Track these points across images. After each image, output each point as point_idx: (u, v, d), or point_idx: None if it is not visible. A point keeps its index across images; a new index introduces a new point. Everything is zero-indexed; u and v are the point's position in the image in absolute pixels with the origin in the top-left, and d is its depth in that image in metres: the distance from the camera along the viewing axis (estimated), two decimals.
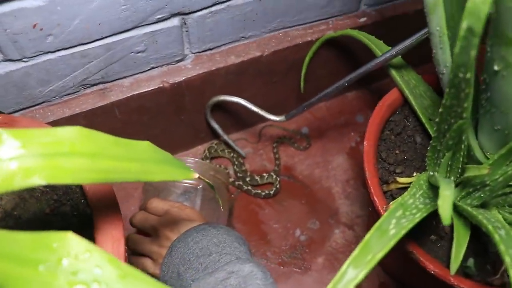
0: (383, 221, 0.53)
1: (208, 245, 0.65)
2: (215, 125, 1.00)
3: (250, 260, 0.62)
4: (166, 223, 0.71)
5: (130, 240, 0.76)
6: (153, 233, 0.73)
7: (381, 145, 0.78)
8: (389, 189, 0.72)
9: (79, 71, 0.78)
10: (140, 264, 0.73)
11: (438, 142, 0.63)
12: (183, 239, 0.67)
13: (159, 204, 0.75)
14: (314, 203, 1.01)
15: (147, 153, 0.50)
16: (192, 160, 0.86)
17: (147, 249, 0.72)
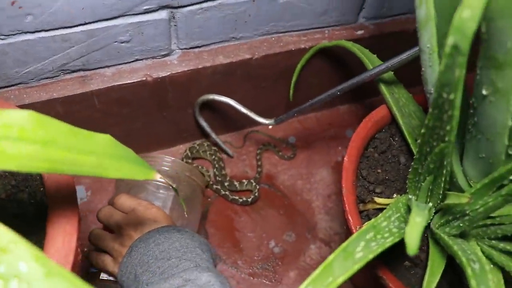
0: (350, 242, 0.50)
1: (169, 249, 0.63)
2: (204, 123, 0.97)
3: (210, 269, 0.59)
4: (131, 221, 0.69)
5: (93, 235, 0.73)
6: (116, 230, 0.70)
7: (363, 162, 0.75)
8: (365, 209, 0.70)
9: (59, 55, 0.75)
10: (100, 261, 0.71)
11: (419, 164, 0.60)
12: (144, 240, 0.65)
13: (126, 201, 0.72)
14: (293, 215, 0.98)
15: (106, 147, 0.47)
16: (170, 159, 0.83)
17: (109, 246, 0.69)
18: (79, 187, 0.97)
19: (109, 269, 0.69)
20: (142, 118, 0.91)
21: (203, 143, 1.03)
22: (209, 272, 0.58)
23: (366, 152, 0.76)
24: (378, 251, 0.50)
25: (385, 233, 0.55)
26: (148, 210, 0.70)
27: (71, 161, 0.43)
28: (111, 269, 0.68)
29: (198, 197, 0.86)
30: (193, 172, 0.85)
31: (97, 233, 0.72)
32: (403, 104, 0.78)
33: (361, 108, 1.18)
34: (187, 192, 0.83)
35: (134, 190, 0.80)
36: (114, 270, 0.68)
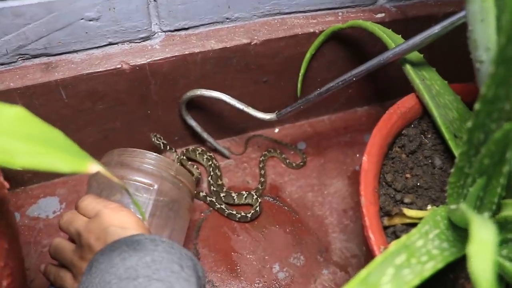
0: (372, 269, 0.34)
1: (136, 265, 0.48)
2: (193, 122, 0.83)
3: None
4: (93, 228, 0.54)
5: (52, 247, 0.59)
6: (77, 239, 0.55)
7: (387, 165, 0.59)
8: (391, 224, 0.53)
9: (13, 34, 0.62)
10: (59, 278, 0.57)
11: (466, 161, 0.44)
12: (107, 253, 0.50)
13: (91, 203, 0.57)
14: (302, 234, 0.82)
15: (17, 125, 0.32)
16: (152, 155, 0.68)
17: (67, 259, 0.56)
18: (53, 198, 0.84)
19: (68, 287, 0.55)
20: (121, 116, 0.77)
21: (197, 148, 0.88)
22: None
23: (390, 152, 0.60)
24: (414, 283, 0.34)
25: (423, 255, 0.39)
26: (115, 214, 0.55)
27: None
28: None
29: (185, 202, 0.71)
30: (179, 172, 0.70)
31: (57, 244, 0.58)
32: (436, 93, 0.63)
33: (381, 111, 1.01)
34: (172, 194, 0.68)
35: (107, 191, 0.65)
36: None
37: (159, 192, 0.66)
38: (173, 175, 0.68)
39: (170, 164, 0.68)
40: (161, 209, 0.66)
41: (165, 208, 0.67)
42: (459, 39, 0.88)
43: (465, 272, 0.52)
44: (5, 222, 0.44)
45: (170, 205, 0.67)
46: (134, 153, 0.67)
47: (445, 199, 0.58)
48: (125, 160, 0.67)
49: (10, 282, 0.44)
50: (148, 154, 0.68)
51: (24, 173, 0.81)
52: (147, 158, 0.67)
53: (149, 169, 0.66)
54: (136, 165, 0.66)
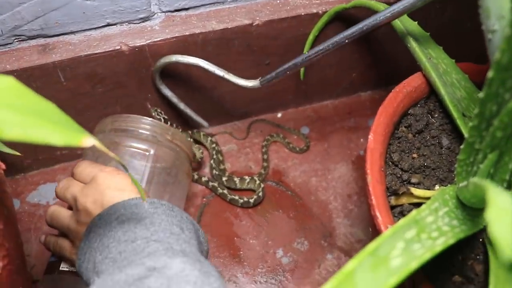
0: (383, 242, 0.32)
1: (135, 227, 0.47)
2: (168, 92, 0.78)
3: (185, 253, 0.43)
4: (89, 192, 0.53)
5: (49, 214, 0.57)
6: (73, 204, 0.54)
7: (393, 144, 0.58)
8: (398, 204, 0.52)
9: (7, 14, 0.61)
10: (58, 247, 0.56)
11: (477, 136, 0.43)
12: (105, 217, 0.49)
13: (87, 168, 0.56)
14: (305, 219, 0.81)
15: (6, 95, 0.31)
16: (147, 121, 0.66)
17: (64, 225, 0.54)
18: (53, 184, 0.83)
19: (67, 255, 0.54)
20: (121, 100, 0.76)
21: (199, 131, 0.86)
22: (183, 257, 0.41)
23: (397, 131, 0.59)
24: (425, 257, 0.33)
25: (433, 231, 0.37)
26: (111, 177, 0.53)
27: None
28: (68, 255, 0.54)
29: (184, 166, 0.69)
30: (176, 136, 0.68)
31: (52, 211, 0.57)
32: (443, 71, 0.61)
33: (385, 96, 1.00)
34: (168, 160, 0.66)
35: (102, 158, 0.64)
36: (72, 257, 0.54)
37: (156, 157, 0.64)
38: (170, 140, 0.66)
39: (166, 128, 0.66)
40: (158, 175, 0.64)
41: (163, 174, 0.65)
42: (465, 18, 0.87)
43: (474, 253, 0.51)
44: (0, 202, 0.42)
45: (168, 171, 0.66)
46: (128, 118, 0.65)
47: (453, 179, 0.56)
48: (120, 126, 0.65)
49: (6, 263, 0.43)
50: (142, 119, 0.66)
51: (24, 159, 0.80)
52: (142, 123, 0.65)
53: (144, 135, 0.64)
54: (131, 130, 0.64)
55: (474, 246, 0.51)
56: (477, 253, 0.51)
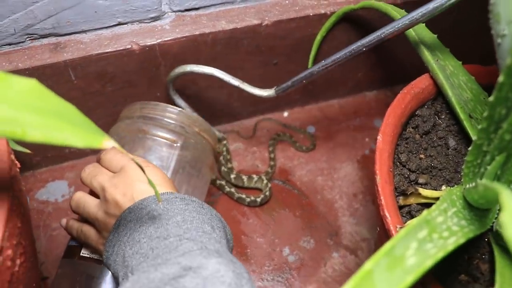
0: (397, 242, 0.33)
1: (167, 224, 0.47)
2: (181, 102, 0.79)
3: (220, 253, 0.43)
4: (119, 183, 0.52)
5: (74, 200, 0.57)
6: (101, 194, 0.54)
7: (401, 145, 0.58)
8: (406, 204, 0.53)
9: (21, 13, 0.61)
10: (82, 234, 0.56)
11: (485, 138, 0.43)
12: (136, 210, 0.49)
13: (116, 156, 0.56)
14: (311, 218, 0.81)
15: (29, 97, 0.31)
16: (175, 110, 0.66)
17: (91, 214, 0.54)
18: (61, 182, 0.83)
19: (92, 244, 0.55)
20: (131, 99, 0.76)
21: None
22: (218, 257, 0.42)
23: (404, 132, 0.60)
24: (438, 256, 0.34)
25: (444, 231, 0.38)
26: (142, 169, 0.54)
27: None
28: (94, 245, 0.54)
29: (208, 160, 0.69)
30: (203, 128, 0.67)
31: (78, 198, 0.57)
32: (450, 73, 0.62)
33: (391, 96, 1.01)
34: (195, 152, 0.66)
35: (128, 146, 0.64)
36: (98, 247, 0.54)
37: (183, 148, 0.64)
38: (197, 132, 0.66)
39: (194, 119, 0.66)
40: (183, 166, 0.64)
41: (188, 166, 0.65)
42: (468, 20, 0.88)
43: (480, 253, 0.52)
44: (18, 201, 0.43)
45: (193, 163, 0.66)
46: (157, 106, 0.65)
47: (459, 180, 0.57)
48: (148, 113, 0.65)
49: (23, 261, 0.44)
50: (171, 108, 0.65)
51: (33, 157, 0.81)
52: (171, 112, 0.65)
53: (172, 125, 0.64)
54: (159, 119, 0.64)
55: (479, 245, 0.52)
56: (483, 252, 0.52)
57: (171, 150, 0.63)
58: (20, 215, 0.44)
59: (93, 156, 0.85)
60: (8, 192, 0.39)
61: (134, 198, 0.51)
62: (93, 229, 0.55)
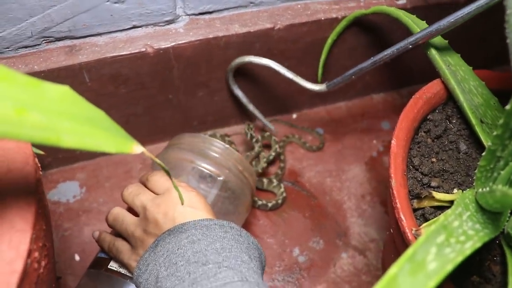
0: (418, 248, 0.34)
1: (206, 250, 0.47)
2: (239, 92, 0.82)
3: (260, 286, 0.44)
4: (161, 203, 0.54)
5: (112, 214, 0.58)
6: (142, 212, 0.55)
7: (413, 149, 0.59)
8: (420, 207, 0.54)
9: (38, 16, 0.62)
10: (114, 248, 0.57)
11: (500, 144, 0.44)
12: (175, 233, 0.50)
13: (161, 179, 0.57)
14: (321, 218, 0.82)
15: (61, 103, 0.32)
16: (221, 145, 0.67)
17: (128, 230, 0.55)
18: (72, 182, 0.84)
19: (124, 259, 0.55)
20: (143, 101, 0.77)
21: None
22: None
23: (416, 136, 0.61)
24: (457, 260, 0.35)
25: (460, 235, 0.39)
26: (185, 192, 0.55)
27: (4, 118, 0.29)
28: (126, 260, 0.55)
29: (246, 199, 0.69)
30: (246, 167, 0.68)
31: (117, 213, 0.58)
32: (461, 78, 0.63)
33: (398, 98, 1.02)
34: (235, 189, 0.67)
35: (175, 171, 0.65)
36: (129, 263, 0.54)
37: (224, 183, 0.65)
38: (240, 170, 0.67)
39: (239, 158, 0.67)
40: (222, 201, 0.65)
41: (226, 201, 0.66)
42: (476, 25, 0.88)
43: (491, 254, 0.53)
44: (42, 203, 0.44)
45: (232, 199, 0.66)
46: (205, 139, 0.67)
47: (470, 183, 0.58)
48: (196, 145, 0.66)
49: (47, 262, 0.45)
50: (218, 143, 0.67)
51: (44, 158, 0.81)
52: (217, 147, 0.67)
53: (218, 159, 0.65)
54: (206, 152, 0.66)
55: (491, 247, 0.53)
56: (494, 254, 0.53)
57: (213, 183, 0.65)
58: (44, 217, 0.44)
59: (103, 158, 0.86)
60: (35, 196, 0.40)
61: (175, 219, 0.51)
62: (127, 244, 0.56)
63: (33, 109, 0.30)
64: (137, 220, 0.55)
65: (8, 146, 0.42)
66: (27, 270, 0.38)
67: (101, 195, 0.83)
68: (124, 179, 0.84)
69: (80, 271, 0.74)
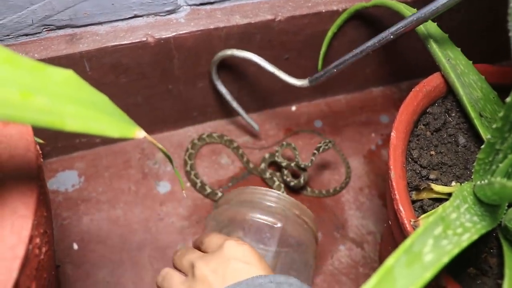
0: (415, 239, 0.35)
1: None
2: (223, 89, 0.81)
3: None
4: (211, 259, 0.50)
5: (160, 275, 0.55)
6: (189, 271, 0.52)
7: (412, 142, 0.60)
8: (419, 198, 0.54)
9: (39, 4, 0.62)
10: None
11: (499, 137, 0.45)
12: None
13: (214, 238, 0.55)
14: (319, 211, 0.83)
15: (65, 87, 0.32)
16: (274, 194, 0.65)
17: None
18: (71, 172, 0.84)
19: None
20: (143, 91, 0.77)
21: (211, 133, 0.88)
22: None
23: (416, 129, 0.61)
24: (454, 252, 0.35)
25: (457, 228, 0.40)
26: (238, 246, 0.50)
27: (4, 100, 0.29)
28: None
29: (311, 245, 0.66)
30: (303, 212, 0.65)
31: (166, 272, 0.54)
32: (461, 72, 0.63)
33: (397, 92, 1.03)
34: (297, 235, 0.63)
35: (227, 229, 0.62)
36: None
37: (283, 231, 0.62)
38: (297, 215, 0.64)
39: (294, 203, 0.65)
40: (286, 251, 0.62)
41: (291, 250, 0.63)
42: (476, 19, 0.89)
43: (488, 247, 0.53)
44: (43, 190, 0.44)
45: (295, 247, 0.63)
46: (255, 191, 0.65)
47: (468, 176, 0.59)
48: (246, 198, 0.64)
49: (47, 249, 0.45)
50: (270, 192, 0.65)
51: (43, 147, 0.81)
52: (269, 195, 0.65)
53: (272, 207, 0.63)
54: (258, 202, 0.63)
55: (488, 240, 0.54)
56: (491, 247, 0.53)
57: (272, 232, 0.62)
58: (45, 204, 0.45)
59: (103, 147, 0.86)
60: (37, 182, 0.40)
61: (226, 276, 0.47)
62: None
63: (38, 93, 0.30)
64: (184, 279, 0.52)
65: (10, 133, 0.42)
66: (29, 256, 0.38)
67: (100, 184, 0.83)
68: (123, 169, 0.84)
69: (79, 260, 0.75)
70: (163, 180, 0.84)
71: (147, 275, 0.74)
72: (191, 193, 0.83)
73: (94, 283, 0.73)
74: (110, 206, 0.80)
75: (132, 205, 0.81)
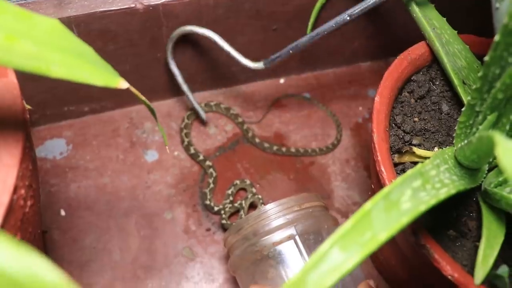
0: (393, 188, 0.36)
1: None
2: (175, 69, 0.80)
3: None
4: None
5: None
6: None
7: (396, 108, 0.61)
8: (401, 161, 0.55)
9: None
10: None
11: (479, 98, 0.46)
12: None
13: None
14: (305, 181, 0.84)
15: (50, 35, 0.33)
16: (274, 206, 0.63)
17: None
18: (59, 140, 0.84)
19: None
20: (131, 58, 0.77)
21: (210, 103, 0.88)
22: None
23: (400, 96, 0.62)
24: (431, 202, 0.36)
25: (436, 183, 0.41)
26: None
27: None
28: None
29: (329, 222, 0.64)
30: (300, 202, 0.64)
31: None
32: (446, 42, 0.64)
33: (385, 67, 1.01)
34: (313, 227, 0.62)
35: (258, 274, 0.60)
36: None
37: (302, 234, 0.60)
38: (298, 210, 0.63)
39: (289, 205, 0.63)
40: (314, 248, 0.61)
41: (316, 245, 0.61)
42: None
43: (468, 211, 0.55)
44: (29, 144, 0.45)
45: (319, 238, 0.62)
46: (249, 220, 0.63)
47: (451, 142, 0.60)
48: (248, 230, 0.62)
49: (32, 203, 0.46)
50: (264, 212, 0.62)
51: (32, 114, 0.81)
52: (271, 213, 0.62)
53: (276, 225, 0.61)
54: (264, 230, 0.61)
55: (467, 204, 0.55)
56: (471, 211, 0.55)
57: (294, 244, 0.60)
58: (31, 158, 0.45)
59: (91, 116, 0.86)
60: (23, 133, 0.41)
61: None
62: None
63: (23, 38, 0.30)
64: None
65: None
66: (13, 206, 0.38)
67: (88, 152, 0.83)
68: (112, 137, 0.85)
69: (66, 226, 0.75)
70: (151, 149, 0.84)
71: (133, 242, 0.75)
72: (178, 162, 0.83)
73: (81, 248, 0.74)
74: (97, 174, 0.81)
75: (120, 173, 0.81)
